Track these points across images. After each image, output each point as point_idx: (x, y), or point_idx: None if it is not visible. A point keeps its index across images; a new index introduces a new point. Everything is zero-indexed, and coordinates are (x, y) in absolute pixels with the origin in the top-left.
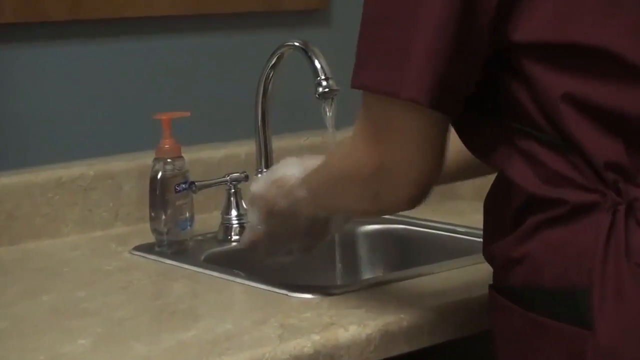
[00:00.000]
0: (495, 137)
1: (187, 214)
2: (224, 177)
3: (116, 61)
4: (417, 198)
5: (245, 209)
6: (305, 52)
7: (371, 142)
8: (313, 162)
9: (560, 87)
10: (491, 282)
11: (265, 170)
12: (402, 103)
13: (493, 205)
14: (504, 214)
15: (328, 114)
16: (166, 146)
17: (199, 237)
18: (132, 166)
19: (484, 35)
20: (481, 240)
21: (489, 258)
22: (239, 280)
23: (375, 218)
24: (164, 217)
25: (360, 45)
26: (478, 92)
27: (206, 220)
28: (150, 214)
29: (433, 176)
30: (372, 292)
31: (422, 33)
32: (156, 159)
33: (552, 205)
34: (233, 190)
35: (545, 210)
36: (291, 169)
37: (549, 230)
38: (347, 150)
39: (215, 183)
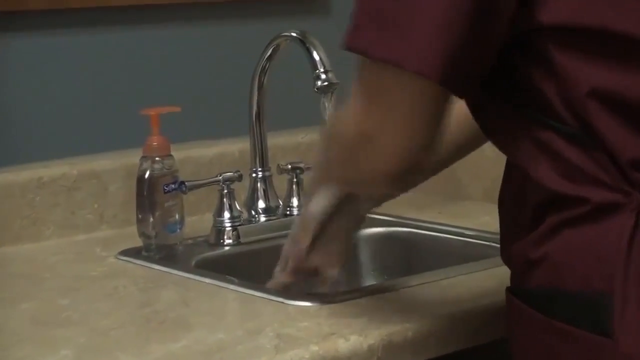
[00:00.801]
0: (513, 127)
1: (177, 216)
2: (216, 176)
3: (101, 53)
4: (398, 175)
5: (239, 210)
6: (303, 43)
7: (361, 103)
8: None
9: (587, 77)
10: (508, 285)
11: (260, 169)
12: (404, 74)
13: (508, 203)
14: (522, 212)
15: (327, 108)
16: (154, 143)
17: (190, 241)
18: (118, 165)
19: (507, 10)
20: (491, 244)
21: (506, 259)
22: (232, 287)
23: (367, 196)
24: (152, 219)
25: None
26: (498, 78)
27: (197, 223)
28: (137, 216)
29: (420, 155)
30: (375, 300)
31: None
32: (144, 158)
33: (573, 204)
34: (226, 191)
35: (566, 209)
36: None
37: (570, 230)
38: (341, 110)
39: (207, 183)
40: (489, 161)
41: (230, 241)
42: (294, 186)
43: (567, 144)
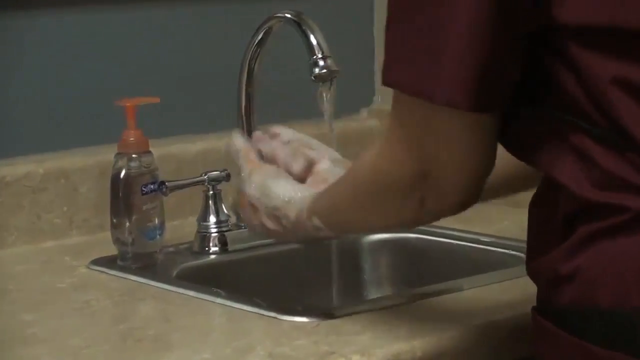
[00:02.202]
0: (539, 132)
1: (156, 221)
2: (201, 176)
3: (70, 37)
4: (464, 203)
5: (226, 214)
6: (299, 25)
7: (408, 146)
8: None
9: (608, 69)
10: (532, 302)
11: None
12: (439, 107)
13: (538, 212)
14: (551, 223)
15: (325, 99)
16: (131, 139)
17: (171, 249)
18: (90, 163)
19: (526, 14)
20: (511, 252)
21: (533, 274)
22: (218, 300)
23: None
24: (128, 224)
25: (391, 31)
26: (521, 77)
27: (179, 229)
28: (111, 221)
29: (482, 181)
30: (379, 315)
31: (455, 23)
32: (119, 155)
33: (607, 213)
34: (212, 192)
35: (600, 218)
36: (286, 190)
37: (605, 241)
38: (378, 158)
39: (190, 183)
40: None
41: (216, 249)
42: None
43: (598, 146)
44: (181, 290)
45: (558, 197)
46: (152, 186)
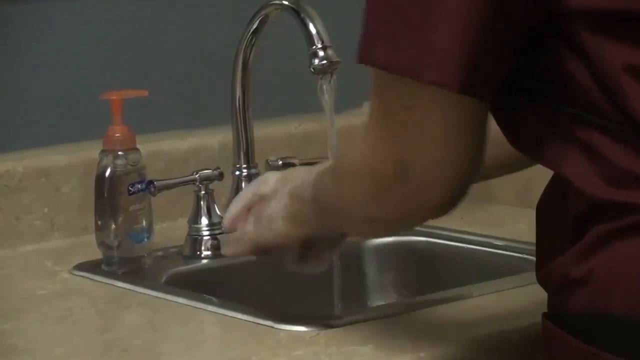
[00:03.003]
0: (546, 127)
1: (144, 223)
2: (192, 174)
3: (51, 26)
4: (446, 205)
5: (219, 216)
6: (297, 13)
7: (386, 134)
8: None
9: (620, 55)
10: (545, 310)
11: (245, 166)
12: (424, 87)
13: (548, 213)
14: (562, 224)
15: (326, 93)
16: (117, 135)
17: (159, 253)
18: (73, 161)
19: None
20: (524, 256)
21: (543, 279)
22: (210, 308)
23: (391, 233)
24: (113, 226)
25: (371, 6)
26: (522, 67)
27: (168, 231)
28: (96, 223)
29: (468, 179)
30: (383, 324)
31: None
32: (104, 152)
33: (621, 212)
34: (203, 192)
35: (613, 218)
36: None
37: (619, 243)
38: (358, 143)
39: (181, 183)
40: None
41: (208, 253)
42: None
43: (610, 141)
44: (170, 297)
45: (567, 196)
46: (139, 186)
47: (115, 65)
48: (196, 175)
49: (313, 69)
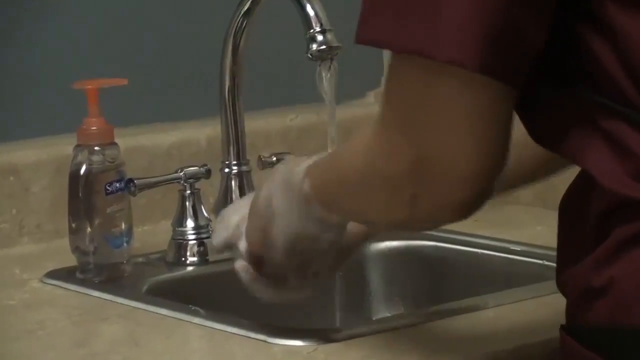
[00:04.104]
0: (568, 116)
1: (123, 226)
2: (177, 172)
3: (20, 8)
4: (470, 204)
5: (207, 218)
6: None
7: (401, 127)
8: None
9: None
10: (563, 322)
11: (235, 162)
12: (440, 67)
13: (570, 212)
14: (584, 224)
15: (325, 81)
16: (93, 128)
17: (140, 259)
18: (44, 157)
19: None
20: (545, 262)
21: (562, 286)
22: (196, 320)
23: (412, 232)
24: (89, 229)
25: None
26: (546, 50)
27: (150, 235)
28: (69, 226)
29: (493, 172)
30: (388, 337)
31: None
32: (78, 147)
33: None
34: (189, 192)
35: (637, 218)
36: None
37: None
38: (366, 141)
39: (164, 181)
40: None
41: (194, 259)
42: None
43: (637, 133)
44: (153, 309)
45: (590, 194)
46: (118, 184)
47: (90, 50)
48: (181, 173)
49: (311, 54)
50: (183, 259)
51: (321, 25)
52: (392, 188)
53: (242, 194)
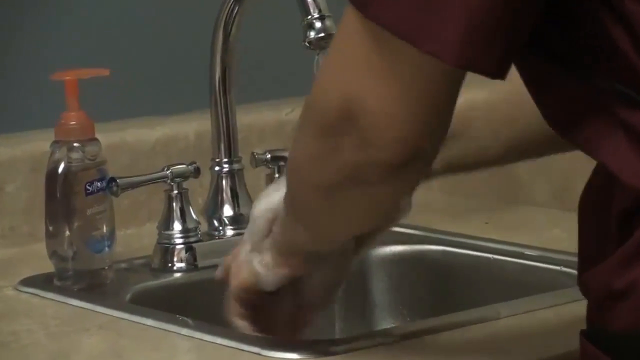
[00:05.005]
0: (584, 104)
1: (105, 229)
2: (163, 171)
3: None
4: (400, 166)
5: (195, 221)
6: None
7: (342, 70)
8: None
9: None
10: (584, 327)
11: (226, 160)
12: (418, 52)
13: (590, 209)
14: (605, 223)
15: None
16: (72, 122)
17: (123, 265)
18: (19, 154)
19: None
20: (562, 268)
21: (584, 289)
22: (184, 330)
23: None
24: (68, 233)
25: None
26: (559, 35)
27: (134, 239)
28: (46, 229)
29: (428, 139)
30: (392, 350)
31: None
32: (56, 143)
33: None
34: (176, 192)
35: None
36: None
37: None
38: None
39: (149, 180)
40: None
41: (181, 265)
42: None
43: None
44: (137, 319)
45: (612, 190)
46: (99, 184)
47: (69, 39)
48: (167, 172)
49: (308, 43)
50: (170, 264)
51: (319, 11)
52: (323, 133)
53: (233, 194)
